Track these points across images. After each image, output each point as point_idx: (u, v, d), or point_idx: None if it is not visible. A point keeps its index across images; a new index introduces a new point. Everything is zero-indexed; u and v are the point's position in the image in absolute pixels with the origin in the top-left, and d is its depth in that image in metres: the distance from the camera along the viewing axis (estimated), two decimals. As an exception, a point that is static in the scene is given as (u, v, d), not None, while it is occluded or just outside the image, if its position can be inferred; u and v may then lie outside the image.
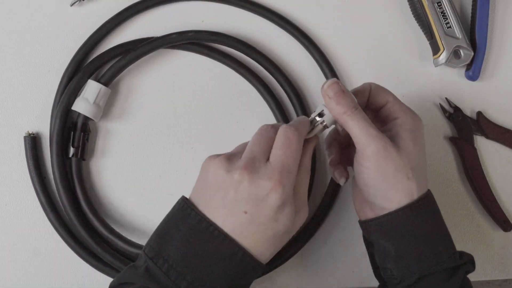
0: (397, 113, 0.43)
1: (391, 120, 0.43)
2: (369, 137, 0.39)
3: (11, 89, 0.56)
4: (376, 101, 0.44)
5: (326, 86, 0.41)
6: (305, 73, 0.60)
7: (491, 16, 0.63)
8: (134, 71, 0.57)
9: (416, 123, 0.43)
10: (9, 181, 0.55)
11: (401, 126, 0.42)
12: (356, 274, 0.58)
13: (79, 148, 0.53)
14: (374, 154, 0.39)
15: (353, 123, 0.40)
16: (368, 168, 0.40)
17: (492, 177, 0.61)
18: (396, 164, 0.40)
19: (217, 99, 0.58)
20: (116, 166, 0.56)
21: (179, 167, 0.57)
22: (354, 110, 0.40)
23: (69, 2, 0.57)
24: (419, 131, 0.43)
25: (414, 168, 0.40)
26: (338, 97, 0.40)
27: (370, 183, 0.41)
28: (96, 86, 0.54)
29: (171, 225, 0.39)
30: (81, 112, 0.53)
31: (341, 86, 0.41)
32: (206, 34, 0.57)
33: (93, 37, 0.56)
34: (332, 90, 0.40)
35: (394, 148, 0.40)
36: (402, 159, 0.40)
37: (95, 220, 0.52)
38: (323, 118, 0.42)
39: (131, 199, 0.56)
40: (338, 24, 0.61)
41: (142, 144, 0.57)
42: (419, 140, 0.42)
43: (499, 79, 0.63)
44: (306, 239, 0.56)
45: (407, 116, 0.43)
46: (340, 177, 0.46)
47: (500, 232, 0.60)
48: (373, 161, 0.40)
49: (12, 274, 0.54)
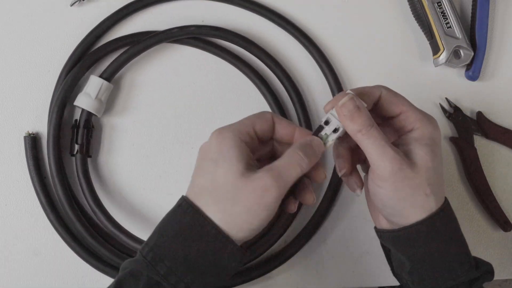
0: (412, 124, 0.40)
1: (406, 132, 0.41)
2: (384, 158, 0.37)
3: (11, 89, 0.56)
4: (389, 110, 0.41)
5: (340, 104, 0.39)
6: (305, 73, 0.60)
7: (491, 16, 0.63)
8: (135, 66, 0.57)
9: (433, 133, 0.40)
10: (9, 181, 0.55)
11: (418, 140, 0.40)
12: (356, 274, 0.58)
13: (83, 145, 0.53)
14: (390, 175, 0.38)
15: (368, 142, 0.38)
16: (383, 188, 0.39)
17: (492, 177, 0.61)
18: (414, 183, 0.38)
19: (218, 98, 0.58)
20: (115, 167, 0.56)
21: (179, 167, 0.57)
22: (370, 128, 0.38)
23: (69, 2, 0.57)
24: (436, 142, 0.40)
25: (432, 184, 0.39)
26: (353, 115, 0.38)
27: (386, 202, 0.40)
28: (98, 81, 0.54)
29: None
30: (83, 107, 0.53)
31: (357, 102, 0.38)
32: (207, 29, 0.57)
33: (92, 34, 0.56)
34: (346, 108, 0.38)
35: (410, 167, 0.38)
36: (420, 178, 0.38)
37: (102, 215, 0.52)
38: (337, 134, 0.40)
39: (131, 199, 0.56)
40: (338, 24, 0.61)
41: (142, 144, 0.57)
42: (437, 152, 0.40)
43: (499, 79, 0.63)
44: (306, 239, 0.56)
45: (424, 127, 0.40)
46: (356, 187, 0.44)
47: (500, 232, 0.60)
48: (389, 183, 0.38)
49: (12, 274, 0.54)
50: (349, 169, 0.42)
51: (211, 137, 0.40)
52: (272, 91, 0.58)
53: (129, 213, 0.56)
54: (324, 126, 0.40)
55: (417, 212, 0.39)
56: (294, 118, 0.59)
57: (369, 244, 0.58)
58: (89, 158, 0.55)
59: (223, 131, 0.39)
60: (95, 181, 0.55)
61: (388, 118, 0.42)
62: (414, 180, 0.38)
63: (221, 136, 0.39)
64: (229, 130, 0.39)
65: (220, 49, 0.58)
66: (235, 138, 0.38)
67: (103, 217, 0.53)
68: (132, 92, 0.57)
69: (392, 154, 0.38)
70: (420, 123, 0.40)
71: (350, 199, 0.59)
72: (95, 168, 0.56)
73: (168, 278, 0.37)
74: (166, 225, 0.39)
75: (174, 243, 0.37)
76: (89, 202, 0.53)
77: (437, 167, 0.40)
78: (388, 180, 0.38)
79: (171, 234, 0.38)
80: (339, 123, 0.40)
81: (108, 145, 0.56)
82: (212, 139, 0.39)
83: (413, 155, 0.39)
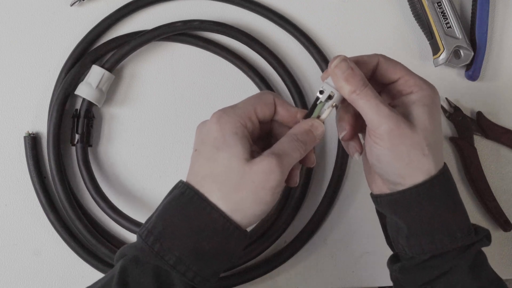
0: (411, 87, 0.40)
1: (405, 94, 0.41)
2: (380, 115, 0.38)
3: (11, 89, 0.56)
4: (387, 76, 0.41)
5: (333, 65, 0.39)
6: (305, 73, 0.60)
7: (491, 16, 0.63)
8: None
9: (432, 97, 0.40)
10: (9, 181, 0.55)
11: (416, 102, 0.40)
12: (356, 274, 0.58)
13: (84, 135, 0.53)
14: (387, 133, 0.38)
15: (363, 101, 0.38)
16: (381, 147, 0.39)
17: (492, 177, 0.61)
18: (411, 141, 0.38)
19: (218, 97, 0.58)
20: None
21: (179, 167, 0.57)
22: (364, 88, 0.38)
23: (69, 2, 0.57)
24: (436, 104, 0.40)
25: (430, 144, 0.39)
26: (347, 76, 0.38)
27: (383, 160, 0.39)
28: (100, 71, 0.54)
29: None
30: (84, 97, 0.53)
31: (350, 63, 0.39)
32: (211, 24, 0.57)
33: (92, 33, 0.56)
34: (340, 69, 0.39)
35: (407, 125, 0.38)
36: (417, 136, 0.38)
37: (102, 202, 0.53)
38: (332, 100, 0.40)
39: (130, 199, 0.56)
40: (338, 24, 0.61)
41: (142, 144, 0.57)
42: (435, 114, 0.40)
43: (499, 79, 0.63)
44: (306, 239, 0.56)
45: (422, 90, 0.40)
46: (354, 151, 0.44)
47: (500, 232, 0.60)
48: (386, 140, 0.38)
49: (12, 274, 0.54)
50: (350, 132, 0.42)
51: (211, 120, 0.39)
52: (272, 90, 0.58)
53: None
54: (319, 96, 0.40)
55: (414, 172, 0.39)
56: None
57: (369, 244, 0.58)
58: (89, 148, 0.55)
59: (224, 115, 0.38)
60: (95, 170, 0.55)
61: (387, 85, 0.42)
62: (411, 138, 0.38)
63: (223, 121, 0.38)
64: (230, 115, 0.39)
65: (221, 48, 0.58)
66: (237, 124, 0.38)
67: (104, 204, 0.53)
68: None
69: (387, 111, 0.38)
70: (419, 87, 0.40)
71: (350, 199, 0.59)
72: (95, 157, 0.56)
73: (177, 268, 0.37)
74: (172, 213, 0.38)
75: (181, 233, 0.37)
76: (90, 190, 0.53)
77: (436, 129, 0.40)
78: (384, 138, 0.38)
79: (177, 223, 0.37)
80: (334, 89, 0.40)
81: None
82: (213, 123, 0.39)
83: (412, 115, 0.39)
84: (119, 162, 0.56)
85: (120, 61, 0.56)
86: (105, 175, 0.56)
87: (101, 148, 0.56)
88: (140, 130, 0.57)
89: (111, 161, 0.56)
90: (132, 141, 0.57)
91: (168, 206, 0.39)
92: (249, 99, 0.40)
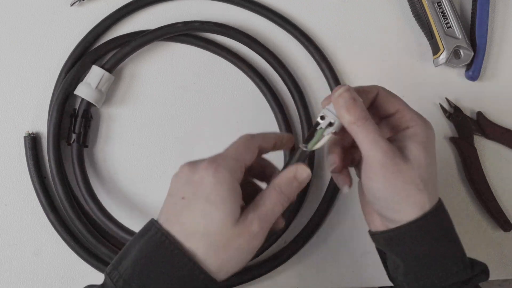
0: (407, 122, 0.41)
1: (401, 130, 0.42)
2: (377, 149, 0.38)
3: (11, 89, 0.56)
4: (385, 109, 0.42)
5: (337, 94, 0.39)
6: (305, 73, 0.60)
7: (491, 16, 0.63)
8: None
9: (427, 133, 0.41)
10: (9, 181, 0.55)
11: (411, 138, 0.40)
12: (356, 274, 0.58)
13: (81, 135, 0.53)
14: (382, 166, 0.38)
15: (362, 134, 0.38)
16: (376, 181, 0.39)
17: (492, 177, 0.61)
18: (405, 176, 0.38)
19: (218, 98, 0.58)
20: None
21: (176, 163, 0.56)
22: (365, 121, 0.38)
23: (69, 2, 0.57)
24: (430, 140, 0.41)
25: (425, 180, 0.39)
26: (349, 106, 0.39)
27: (379, 195, 0.40)
28: (99, 71, 0.54)
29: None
30: (83, 97, 0.53)
31: (353, 94, 0.39)
32: (211, 25, 0.57)
33: (92, 33, 0.56)
34: (343, 99, 0.39)
35: (402, 159, 0.38)
36: (412, 171, 0.39)
37: (93, 204, 0.52)
38: (333, 127, 0.40)
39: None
40: (338, 24, 0.61)
41: (142, 145, 0.57)
42: (430, 150, 0.40)
43: (499, 79, 0.63)
44: (306, 239, 0.56)
45: (418, 126, 0.41)
46: (343, 184, 0.44)
47: (500, 232, 0.60)
48: (380, 174, 0.38)
49: (12, 274, 0.54)
50: (339, 165, 0.43)
51: (207, 172, 0.37)
52: (272, 90, 0.58)
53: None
54: (320, 122, 0.40)
55: (409, 207, 0.39)
56: (295, 117, 0.59)
57: (369, 244, 0.57)
58: (85, 148, 0.55)
59: (219, 169, 0.37)
60: (90, 171, 0.55)
61: (384, 117, 0.43)
62: (406, 173, 0.38)
63: (220, 176, 0.37)
64: (225, 169, 0.37)
65: (221, 48, 0.58)
66: (232, 179, 0.37)
67: (94, 206, 0.53)
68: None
69: (385, 146, 0.38)
70: (415, 122, 0.41)
71: (349, 199, 0.59)
72: (91, 158, 0.56)
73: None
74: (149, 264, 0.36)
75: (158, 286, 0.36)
76: (82, 191, 0.53)
77: (431, 165, 0.40)
78: (379, 171, 0.38)
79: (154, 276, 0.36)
80: (335, 117, 0.40)
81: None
82: (209, 176, 0.37)
83: (407, 151, 0.40)
84: (117, 162, 0.56)
85: (120, 62, 0.56)
86: (99, 176, 0.56)
87: (99, 148, 0.56)
88: (140, 130, 0.57)
89: (109, 161, 0.56)
90: (132, 141, 0.57)
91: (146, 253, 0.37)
92: (237, 149, 0.39)
